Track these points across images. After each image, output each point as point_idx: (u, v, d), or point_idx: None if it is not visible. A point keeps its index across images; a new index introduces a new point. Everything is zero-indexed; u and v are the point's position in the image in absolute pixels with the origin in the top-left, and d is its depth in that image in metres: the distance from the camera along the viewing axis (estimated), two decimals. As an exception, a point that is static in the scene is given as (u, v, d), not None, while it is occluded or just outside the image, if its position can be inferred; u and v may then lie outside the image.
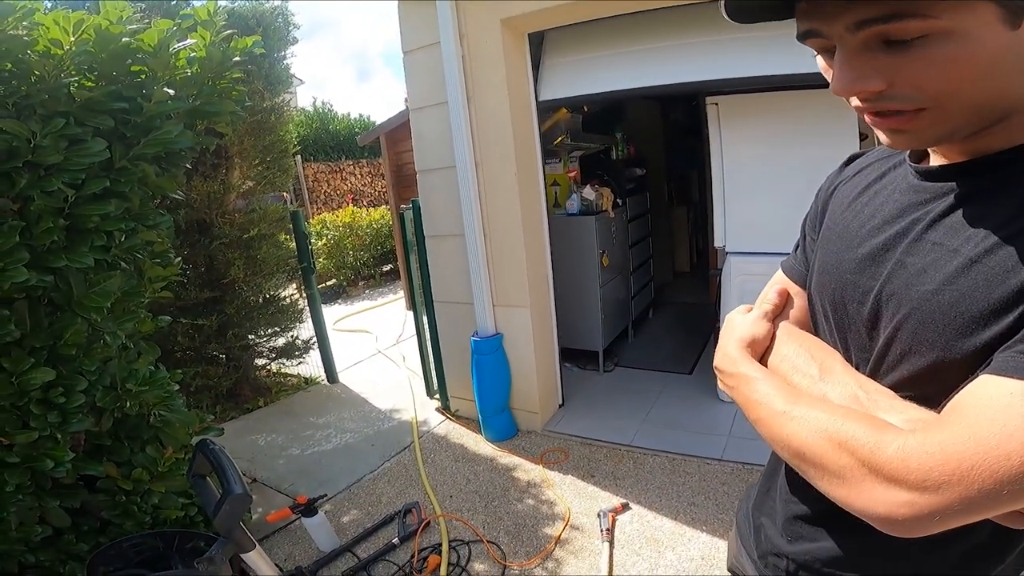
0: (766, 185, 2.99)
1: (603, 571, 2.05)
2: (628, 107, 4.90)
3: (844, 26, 0.48)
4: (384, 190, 10.96)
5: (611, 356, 4.02)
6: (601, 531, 2.27)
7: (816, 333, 0.72)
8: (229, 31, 1.89)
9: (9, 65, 1.42)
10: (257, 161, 3.92)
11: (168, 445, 1.96)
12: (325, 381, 4.26)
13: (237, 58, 1.88)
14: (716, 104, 3.03)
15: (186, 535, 1.63)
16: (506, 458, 2.98)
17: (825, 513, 0.68)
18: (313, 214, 9.04)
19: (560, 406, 3.46)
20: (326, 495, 2.68)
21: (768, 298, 0.76)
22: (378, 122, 12.35)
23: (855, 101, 0.53)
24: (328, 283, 7.21)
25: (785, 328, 0.72)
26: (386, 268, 7.89)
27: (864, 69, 0.49)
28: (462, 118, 2.87)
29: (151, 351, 1.92)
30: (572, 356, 3.92)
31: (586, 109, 3.98)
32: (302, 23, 3.72)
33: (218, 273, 3.73)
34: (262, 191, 4.14)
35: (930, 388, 0.54)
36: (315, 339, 4.18)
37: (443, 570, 2.10)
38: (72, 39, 1.47)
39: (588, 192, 3.75)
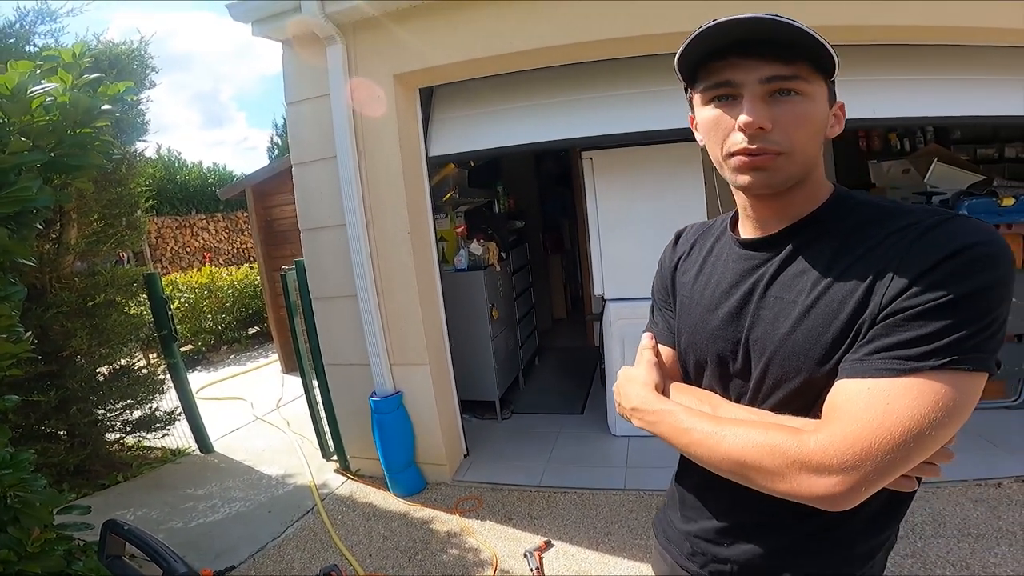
0: (635, 233, 3.30)
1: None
2: (506, 160, 5.17)
3: (757, 79, 0.68)
4: (244, 247, 10.18)
5: (506, 404, 4.07)
6: (531, 570, 2.28)
7: (689, 382, 0.89)
8: (96, 75, 1.71)
9: None
10: (96, 217, 3.46)
11: (32, 526, 1.63)
12: (197, 451, 3.84)
13: (107, 106, 1.70)
14: (591, 159, 3.33)
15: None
16: (420, 512, 2.88)
17: (757, 518, 0.81)
18: (159, 274, 8.06)
19: (465, 456, 3.41)
20: (233, 566, 2.43)
21: (646, 354, 0.91)
22: (236, 173, 11.55)
23: (740, 140, 0.70)
24: (184, 349, 6.42)
25: (671, 383, 0.88)
26: (252, 331, 7.25)
27: (764, 110, 0.68)
28: (352, 174, 2.83)
29: (2, 432, 1.59)
30: (469, 407, 3.90)
31: (473, 164, 4.14)
32: (160, 66, 3.41)
33: (55, 345, 3.18)
34: (108, 252, 3.65)
35: (799, 403, 0.72)
36: (180, 409, 3.72)
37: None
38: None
39: (475, 247, 3.84)
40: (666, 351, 0.92)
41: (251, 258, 9.66)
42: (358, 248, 2.88)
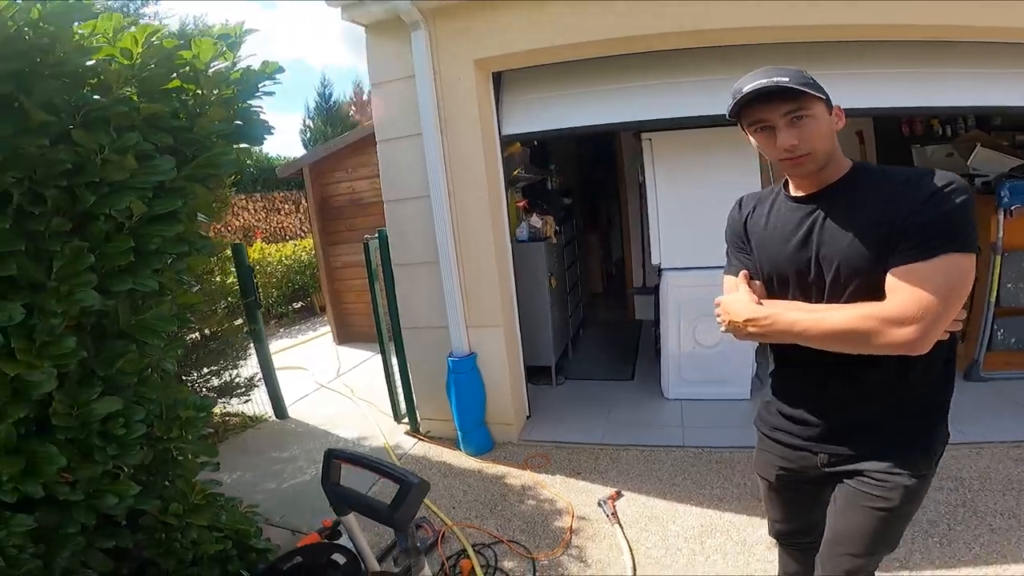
0: (691, 208, 3.49)
1: (624, 548, 2.27)
2: (552, 142, 5.34)
3: (780, 114, 1.07)
4: (280, 226, 10.46)
5: (559, 371, 4.30)
6: (607, 516, 2.50)
7: (771, 296, 1.22)
8: (252, 53, 1.91)
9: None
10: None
11: (190, 477, 1.87)
12: (273, 417, 4.08)
13: (268, 83, 1.91)
14: (650, 139, 3.52)
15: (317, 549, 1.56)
16: (492, 468, 3.10)
17: (852, 393, 1.14)
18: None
19: (528, 417, 3.66)
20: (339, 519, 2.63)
21: (741, 284, 1.24)
22: (271, 155, 11.79)
23: (783, 153, 1.09)
24: (236, 323, 6.71)
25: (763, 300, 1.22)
26: (297, 305, 7.53)
27: (790, 134, 1.07)
28: (436, 149, 3.05)
29: (180, 391, 1.82)
30: (526, 373, 4.14)
31: (536, 143, 4.33)
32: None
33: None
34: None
35: (860, 296, 1.06)
36: (260, 375, 3.97)
37: (479, 571, 2.19)
38: (140, 50, 1.46)
39: (535, 220, 4.06)
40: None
41: (287, 236, 9.93)
42: (441, 218, 3.10)
